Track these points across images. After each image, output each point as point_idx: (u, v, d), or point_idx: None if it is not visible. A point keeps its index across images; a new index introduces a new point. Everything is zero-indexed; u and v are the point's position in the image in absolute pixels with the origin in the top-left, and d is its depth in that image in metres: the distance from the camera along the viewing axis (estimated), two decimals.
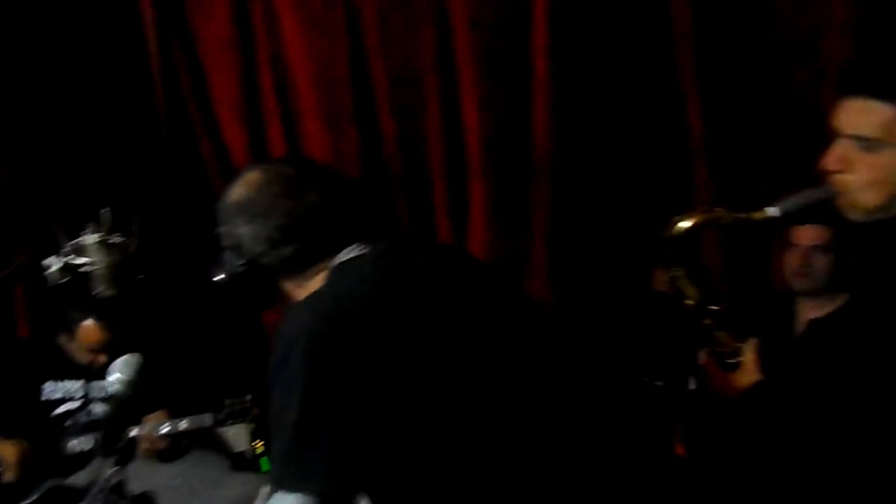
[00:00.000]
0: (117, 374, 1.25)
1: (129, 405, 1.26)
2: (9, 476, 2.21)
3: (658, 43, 2.47)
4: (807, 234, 2.01)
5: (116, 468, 1.22)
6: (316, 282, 1.09)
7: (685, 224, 1.35)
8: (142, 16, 2.86)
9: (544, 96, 2.57)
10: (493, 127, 2.65)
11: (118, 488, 1.21)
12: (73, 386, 2.41)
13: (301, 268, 1.10)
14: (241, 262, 1.09)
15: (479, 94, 2.62)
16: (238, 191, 1.12)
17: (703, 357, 1.43)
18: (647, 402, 1.87)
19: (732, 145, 2.47)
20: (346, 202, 1.12)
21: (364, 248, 1.10)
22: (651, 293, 2.33)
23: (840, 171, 1.19)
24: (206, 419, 2.33)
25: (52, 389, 2.39)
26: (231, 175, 3.04)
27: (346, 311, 1.00)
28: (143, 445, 2.25)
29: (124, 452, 1.23)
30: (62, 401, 2.39)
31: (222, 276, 1.11)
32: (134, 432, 2.24)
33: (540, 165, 2.65)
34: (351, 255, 1.09)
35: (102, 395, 2.42)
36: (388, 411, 0.98)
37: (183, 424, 2.31)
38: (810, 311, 2.02)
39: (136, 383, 1.25)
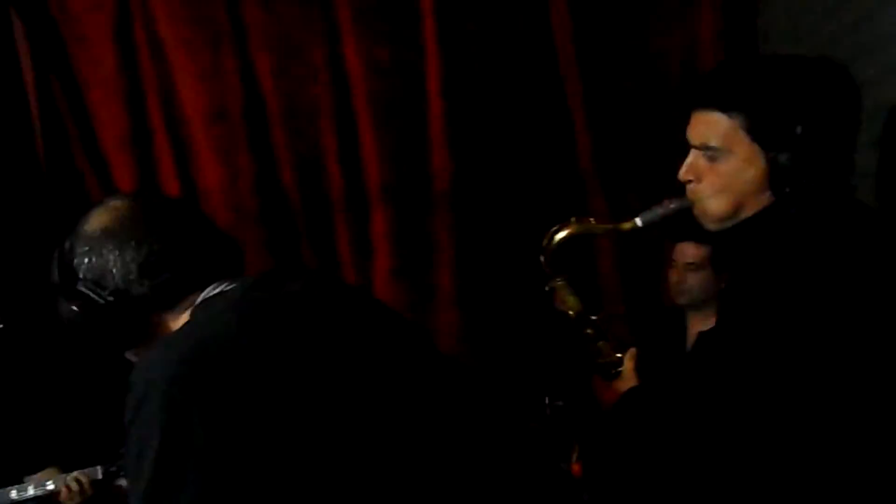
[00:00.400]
0: None
1: None
2: None
3: (546, 72, 2.56)
4: (682, 252, 2.11)
5: None
6: (185, 316, 1.04)
7: (561, 235, 1.40)
8: (19, 59, 2.73)
9: (440, 125, 2.61)
10: (391, 157, 2.66)
11: None
12: None
13: (175, 299, 1.04)
14: (105, 294, 1.01)
15: (376, 127, 2.64)
16: (104, 217, 1.04)
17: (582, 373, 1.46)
18: (548, 423, 1.88)
19: (621, 163, 2.57)
20: (208, 233, 1.08)
21: (228, 284, 1.05)
22: (553, 312, 2.36)
23: (692, 181, 1.26)
24: (98, 472, 2.20)
25: None
26: None
27: (206, 353, 0.94)
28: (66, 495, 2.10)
29: None
30: None
31: (76, 311, 1.02)
32: (13, 494, 2.10)
33: (440, 194, 2.68)
34: (215, 291, 1.04)
35: None
36: (255, 456, 0.92)
37: (70, 479, 2.18)
38: (698, 323, 2.10)
39: None
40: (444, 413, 1.10)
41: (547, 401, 1.94)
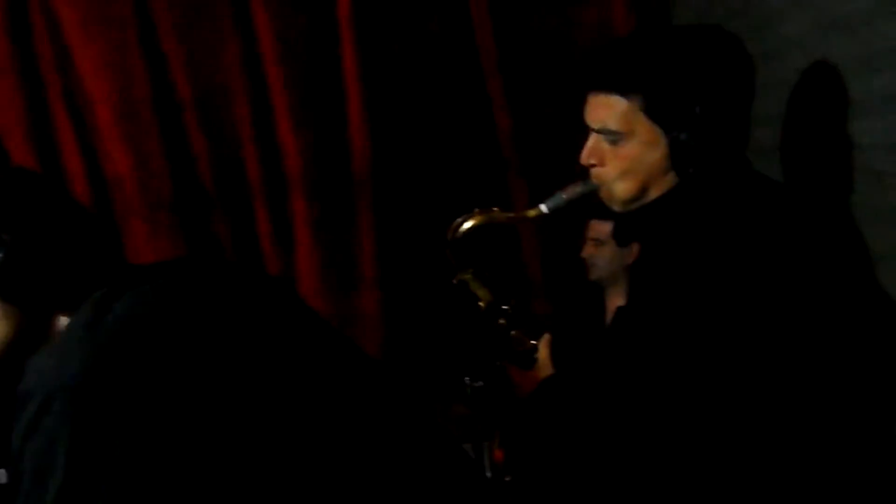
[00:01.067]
0: None
1: None
2: None
3: (463, 53, 2.54)
4: (590, 228, 2.14)
5: None
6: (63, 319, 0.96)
7: (466, 226, 1.38)
8: None
9: (359, 109, 2.56)
10: (310, 143, 2.59)
11: None
12: None
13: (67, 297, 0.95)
14: None
15: (292, 111, 2.57)
16: None
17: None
18: (470, 404, 1.87)
19: (542, 145, 2.57)
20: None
21: (118, 280, 0.98)
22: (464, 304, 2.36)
23: (595, 165, 1.26)
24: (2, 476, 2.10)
25: None
26: None
27: (112, 354, 0.88)
28: None
29: None
30: None
31: None
32: None
33: (360, 180, 2.64)
34: (106, 288, 0.97)
35: None
36: (170, 460, 0.86)
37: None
38: (615, 298, 2.13)
39: None
40: (358, 406, 1.06)
41: (467, 381, 1.92)
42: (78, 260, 0.98)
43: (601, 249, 2.12)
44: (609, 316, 2.14)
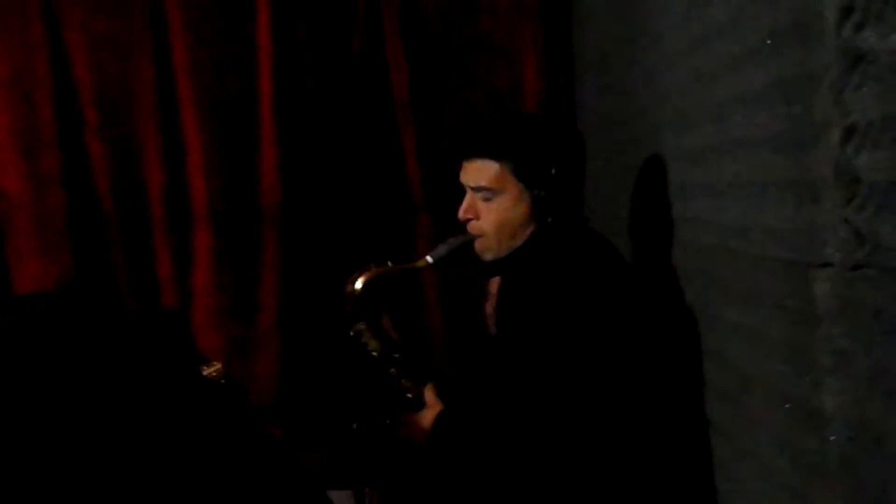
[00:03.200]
0: None
1: None
2: None
3: (380, 102, 2.60)
4: (491, 283, 2.20)
5: None
6: None
7: (362, 279, 1.48)
8: None
9: (272, 148, 2.56)
10: (218, 172, 2.58)
11: None
12: None
13: None
14: None
15: (202, 144, 2.55)
16: None
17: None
18: (354, 449, 1.86)
19: (449, 192, 2.62)
20: None
21: None
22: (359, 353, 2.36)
23: (471, 219, 1.47)
24: None
25: None
26: None
27: None
28: None
29: None
30: None
31: None
32: None
33: (268, 212, 2.62)
34: None
35: None
36: None
37: None
38: None
39: None
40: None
41: (354, 427, 1.92)
42: None
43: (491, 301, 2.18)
44: None
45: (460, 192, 2.70)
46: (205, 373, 1.17)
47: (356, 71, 2.57)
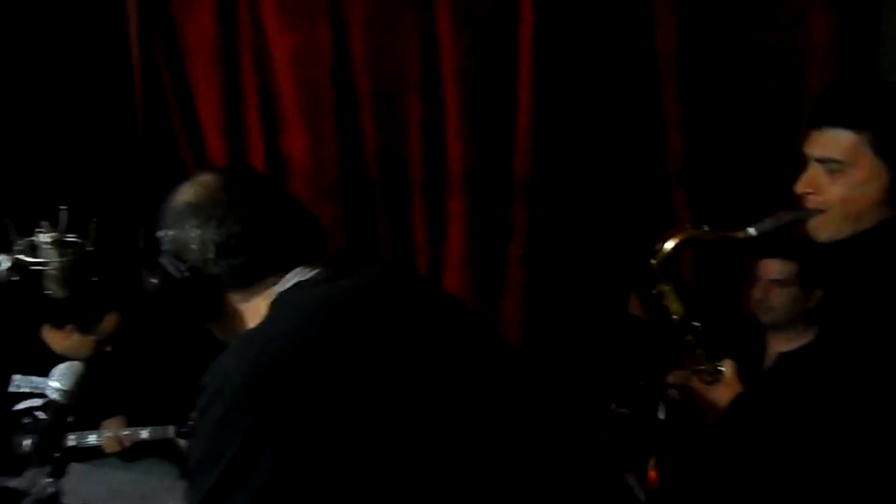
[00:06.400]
0: (56, 383, 1.20)
1: (66, 414, 1.21)
2: None
3: (641, 63, 2.47)
4: (766, 268, 2.03)
5: (51, 479, 1.18)
6: (261, 301, 1.03)
7: (675, 239, 1.40)
8: (125, 10, 2.82)
9: (527, 118, 2.56)
10: (475, 147, 2.62)
11: (53, 499, 1.16)
12: (41, 382, 2.35)
13: (249, 282, 1.03)
14: (183, 268, 1.02)
15: (462, 114, 2.61)
16: (191, 192, 1.05)
17: (677, 379, 1.43)
18: (614, 430, 1.84)
19: (710, 168, 2.47)
20: (292, 217, 1.08)
21: (309, 271, 1.04)
22: (626, 318, 2.31)
23: (812, 193, 1.31)
24: (169, 431, 2.29)
25: (19, 383, 2.34)
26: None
27: (279, 359, 0.93)
28: (109, 446, 2.26)
29: (60, 462, 1.18)
30: (27, 396, 2.35)
31: (156, 282, 1.03)
32: (92, 438, 2.21)
33: (520, 187, 2.64)
34: (295, 279, 1.04)
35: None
36: (325, 456, 0.91)
37: (144, 434, 2.27)
38: (780, 343, 2.02)
39: (75, 394, 1.20)
40: (512, 409, 1.08)
41: (613, 408, 1.89)
42: (276, 252, 1.05)
43: (781, 292, 2.01)
44: (770, 359, 2.03)
45: (720, 164, 2.57)
46: None
47: (619, 28, 2.46)
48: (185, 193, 1.06)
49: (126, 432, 2.26)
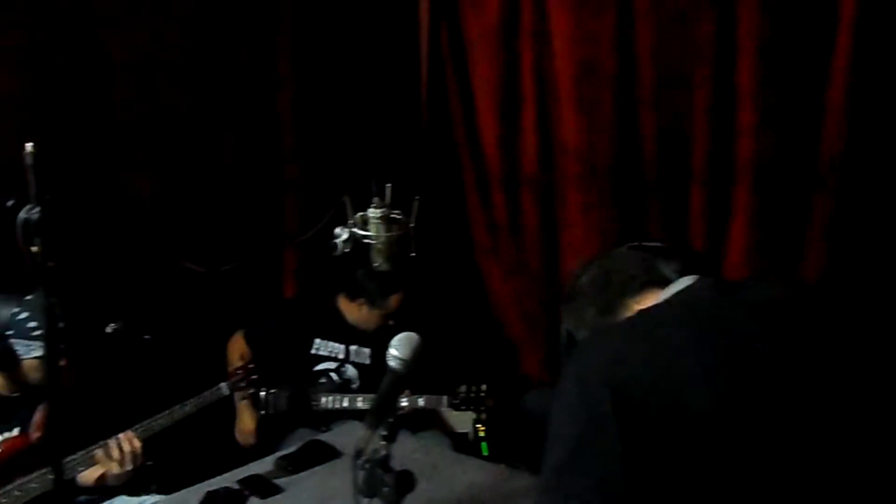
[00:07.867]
0: (395, 352, 1.27)
1: (402, 382, 1.27)
2: (248, 442, 2.43)
3: None
4: None
5: (385, 442, 1.24)
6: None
7: None
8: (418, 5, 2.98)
9: (840, 100, 2.26)
10: (772, 132, 2.38)
11: (384, 462, 1.23)
12: (337, 347, 2.60)
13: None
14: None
15: (756, 92, 2.37)
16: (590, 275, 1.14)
17: None
18: None
19: None
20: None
21: (692, 280, 1.03)
22: None
23: None
24: (443, 401, 2.38)
25: (319, 346, 2.59)
26: (479, 160, 2.99)
27: (639, 362, 0.92)
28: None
29: (393, 427, 1.24)
30: (324, 358, 2.59)
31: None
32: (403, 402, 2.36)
33: (821, 173, 2.35)
34: (681, 286, 1.03)
35: (358, 359, 2.60)
36: (673, 469, 0.86)
37: (421, 402, 2.39)
38: None
39: (411, 363, 1.26)
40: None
41: None
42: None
43: None
44: None
45: None
46: None
47: None
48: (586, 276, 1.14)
49: (405, 401, 2.39)
